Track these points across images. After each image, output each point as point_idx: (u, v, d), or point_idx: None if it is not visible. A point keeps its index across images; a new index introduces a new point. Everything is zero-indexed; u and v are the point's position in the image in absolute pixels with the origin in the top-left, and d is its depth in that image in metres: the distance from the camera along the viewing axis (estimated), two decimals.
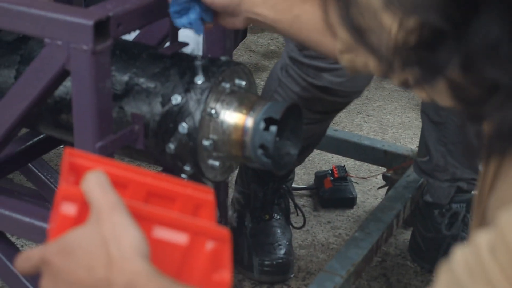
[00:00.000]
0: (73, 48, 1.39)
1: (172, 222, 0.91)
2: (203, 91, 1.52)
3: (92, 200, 0.87)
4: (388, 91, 3.39)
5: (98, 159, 0.95)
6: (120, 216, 0.85)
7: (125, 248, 0.83)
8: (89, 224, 0.86)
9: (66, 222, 0.89)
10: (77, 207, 0.88)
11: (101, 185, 0.87)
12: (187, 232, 0.91)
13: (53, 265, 0.85)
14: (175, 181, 0.96)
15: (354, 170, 2.69)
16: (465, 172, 2.12)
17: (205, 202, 0.96)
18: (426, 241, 2.20)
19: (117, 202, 0.86)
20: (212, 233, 0.91)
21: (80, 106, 1.43)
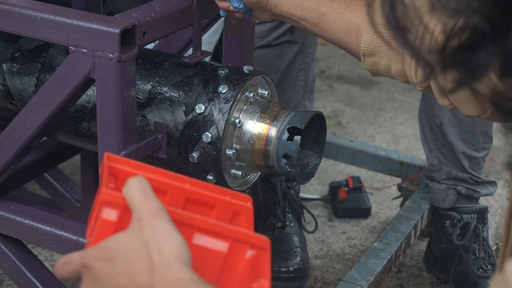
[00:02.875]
0: (99, 56, 1.38)
1: (212, 228, 0.89)
2: (227, 100, 1.52)
3: (134, 206, 0.86)
4: (400, 102, 3.38)
5: (137, 164, 0.94)
6: (162, 223, 0.84)
7: (167, 254, 0.82)
8: (130, 230, 0.85)
9: (107, 227, 0.87)
10: (118, 212, 0.87)
11: (143, 191, 0.86)
12: (227, 239, 0.89)
13: (94, 270, 0.84)
14: (214, 188, 0.95)
15: (367, 180, 2.68)
16: (460, 172, 2.12)
17: (243, 209, 0.95)
18: (441, 252, 2.19)
19: (159, 208, 0.85)
20: (252, 240, 0.90)
21: (105, 115, 1.42)
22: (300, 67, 2.22)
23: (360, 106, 3.31)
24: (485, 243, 2.14)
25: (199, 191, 0.94)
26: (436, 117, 2.09)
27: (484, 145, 2.13)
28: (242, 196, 0.96)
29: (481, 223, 2.14)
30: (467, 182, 2.14)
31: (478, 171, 2.15)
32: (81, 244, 1.58)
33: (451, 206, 2.15)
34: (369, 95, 3.43)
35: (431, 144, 2.15)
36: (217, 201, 0.94)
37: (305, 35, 2.20)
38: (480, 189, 2.15)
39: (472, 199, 2.17)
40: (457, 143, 2.09)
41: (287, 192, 2.28)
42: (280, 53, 2.18)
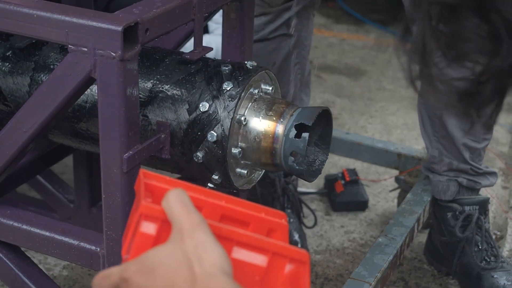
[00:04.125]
0: (100, 55, 1.33)
1: (251, 242, 0.88)
2: (233, 98, 1.47)
3: (174, 218, 0.83)
4: (389, 92, 3.35)
5: (172, 180, 0.94)
6: (203, 234, 0.82)
7: (209, 265, 0.80)
8: (171, 242, 0.83)
9: (146, 241, 0.86)
10: (157, 226, 0.86)
11: (183, 203, 0.84)
12: (266, 253, 0.88)
13: (133, 283, 0.81)
14: (248, 204, 0.94)
15: (362, 172, 2.65)
16: (461, 164, 2.09)
17: (278, 226, 0.94)
18: (442, 244, 2.16)
19: (200, 220, 0.83)
20: (291, 254, 0.88)
21: (107, 116, 1.37)
22: (297, 61, 2.18)
23: (350, 96, 3.28)
24: (487, 235, 2.11)
25: (234, 208, 0.93)
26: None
27: (485, 136, 2.09)
28: (277, 213, 0.95)
29: (482, 214, 2.11)
30: (468, 173, 2.11)
31: (479, 162, 2.12)
32: (82, 249, 1.53)
33: (452, 198, 2.12)
34: (358, 85, 3.40)
35: (431, 135, 2.11)
36: (252, 218, 0.93)
37: (301, 27, 2.16)
38: (481, 180, 2.12)
39: (473, 190, 2.14)
40: (458, 134, 2.06)
41: (285, 188, 2.24)
42: (277, 47, 2.14)
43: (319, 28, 3.90)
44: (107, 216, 1.44)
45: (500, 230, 2.43)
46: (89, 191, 2.07)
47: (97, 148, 1.64)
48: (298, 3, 2.10)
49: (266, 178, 2.23)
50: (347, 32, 4.02)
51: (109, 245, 1.46)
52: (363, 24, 4.10)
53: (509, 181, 2.71)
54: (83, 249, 1.53)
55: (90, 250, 1.52)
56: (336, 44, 3.85)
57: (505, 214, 2.50)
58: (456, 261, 2.12)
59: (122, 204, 1.41)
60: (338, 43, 3.87)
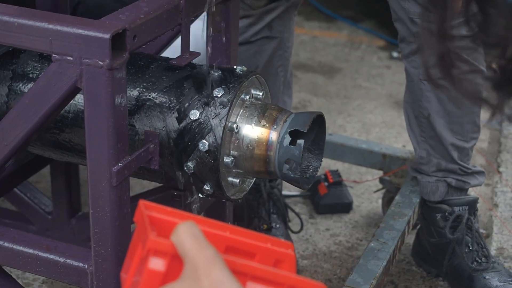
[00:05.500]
0: (87, 64, 1.26)
1: (266, 276, 0.83)
2: (224, 105, 1.41)
3: (187, 253, 0.77)
4: (365, 89, 3.32)
5: (174, 212, 0.88)
6: (219, 271, 0.76)
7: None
8: (184, 279, 0.77)
9: (155, 278, 0.80)
10: (167, 262, 0.80)
11: (195, 237, 0.79)
12: (282, 287, 0.83)
13: None
14: (254, 235, 0.90)
15: (344, 173, 2.60)
16: (449, 164, 2.06)
17: (285, 256, 0.90)
18: (432, 246, 2.13)
19: (215, 255, 0.78)
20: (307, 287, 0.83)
21: (94, 127, 1.30)
22: (279, 63, 2.13)
23: (326, 95, 3.23)
24: (477, 235, 2.07)
25: (239, 239, 0.88)
26: (423, 108, 2.02)
27: (473, 134, 2.06)
28: (283, 243, 0.91)
29: (472, 214, 2.08)
30: (457, 173, 2.07)
31: (467, 162, 2.08)
32: (69, 266, 1.46)
33: (441, 198, 2.08)
34: (333, 83, 3.35)
35: (418, 136, 2.07)
36: (258, 249, 0.89)
37: (283, 29, 2.11)
38: (470, 180, 2.09)
39: (462, 190, 2.10)
40: (446, 134, 2.02)
41: (271, 192, 2.19)
42: (259, 50, 2.08)
43: None
44: (95, 231, 1.38)
45: (485, 229, 2.40)
46: (67, 201, 2.01)
47: (80, 160, 1.57)
48: (280, 4, 2.05)
49: None
50: (318, 29, 3.97)
51: (97, 261, 1.40)
52: (335, 21, 4.06)
53: (491, 178, 2.69)
54: (70, 267, 1.46)
55: (77, 267, 1.45)
56: (308, 42, 3.80)
57: (489, 211, 2.48)
58: (447, 263, 2.09)
59: (111, 219, 1.35)
60: (310, 40, 3.83)
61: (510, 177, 2.67)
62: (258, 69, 2.08)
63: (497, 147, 2.91)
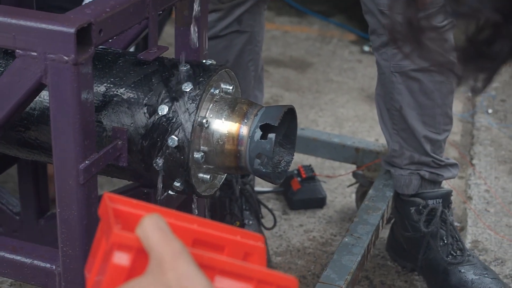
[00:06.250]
0: (52, 60, 1.23)
1: (235, 270, 0.80)
2: (193, 99, 1.39)
3: (152, 247, 0.74)
4: (337, 83, 3.30)
5: (139, 204, 0.84)
6: (186, 265, 0.73)
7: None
8: (149, 274, 0.74)
9: (119, 273, 0.77)
10: (131, 256, 0.77)
11: (161, 230, 0.75)
12: (251, 281, 0.80)
13: None
14: (222, 227, 0.86)
15: (317, 168, 2.58)
16: (422, 156, 2.04)
17: (255, 249, 0.86)
18: (406, 240, 2.11)
19: (181, 249, 0.75)
20: (278, 281, 0.81)
21: (60, 124, 1.27)
22: (250, 57, 2.11)
23: (298, 89, 3.21)
24: (452, 228, 2.06)
25: (207, 232, 0.84)
26: (395, 100, 2.00)
27: (445, 127, 2.05)
28: (253, 236, 0.88)
29: (446, 207, 2.07)
30: (430, 166, 2.06)
31: (440, 154, 2.07)
32: (36, 267, 1.43)
33: (415, 191, 2.07)
34: (306, 78, 3.33)
35: (390, 128, 2.05)
36: (227, 241, 0.85)
37: (253, 23, 2.08)
38: (443, 172, 2.08)
39: (436, 183, 2.08)
40: (418, 126, 2.01)
41: (243, 189, 2.16)
42: (229, 44, 2.05)
43: None
44: (62, 231, 1.34)
45: (460, 222, 2.39)
46: (35, 201, 1.96)
47: (47, 158, 1.54)
48: None
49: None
50: (289, 24, 3.95)
51: (65, 262, 1.36)
52: (306, 16, 4.04)
53: (464, 171, 2.68)
54: (37, 268, 1.43)
55: (44, 269, 1.42)
56: (280, 37, 3.78)
57: (463, 204, 2.47)
58: (421, 257, 2.07)
59: (79, 218, 1.32)
60: (281, 35, 3.81)
61: (484, 170, 2.66)
62: (228, 63, 2.05)
63: (469, 139, 2.90)
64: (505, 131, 2.94)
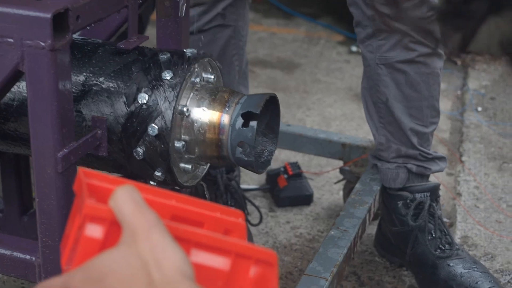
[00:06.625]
0: (28, 46, 1.21)
1: (211, 243, 0.77)
2: (173, 87, 1.37)
3: (125, 218, 0.72)
4: (325, 84, 3.28)
5: (116, 179, 0.81)
6: (160, 236, 0.71)
7: (169, 270, 0.69)
8: (122, 245, 0.71)
9: (92, 246, 0.74)
10: (105, 228, 0.74)
11: (135, 201, 0.73)
12: (229, 255, 0.77)
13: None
14: (201, 203, 0.83)
15: (304, 166, 2.56)
16: (409, 150, 2.02)
17: (235, 226, 0.83)
18: (394, 235, 2.09)
19: (155, 220, 0.72)
20: (257, 255, 0.78)
21: (38, 112, 1.25)
22: (234, 52, 2.09)
23: (285, 90, 3.19)
24: (440, 222, 2.04)
25: (186, 208, 0.81)
26: (381, 93, 1.98)
27: (432, 119, 2.03)
28: (233, 212, 0.84)
29: (434, 201, 2.04)
30: (417, 159, 2.04)
31: (427, 147, 2.05)
32: (15, 259, 1.41)
33: (402, 185, 2.05)
34: (293, 78, 3.32)
35: (376, 122, 2.03)
36: (206, 218, 0.82)
37: (236, 17, 2.07)
38: (431, 165, 2.06)
39: (423, 176, 2.06)
40: (404, 119, 1.99)
41: (228, 184, 2.14)
42: (212, 38, 2.04)
43: None
44: (42, 221, 1.32)
45: (449, 218, 2.37)
46: (19, 198, 1.94)
47: (28, 150, 1.52)
48: None
49: (207, 175, 2.12)
50: (276, 26, 3.94)
51: (45, 253, 1.34)
52: (293, 18, 4.03)
53: (453, 168, 2.66)
54: (17, 259, 1.41)
55: (24, 260, 1.40)
56: (267, 38, 3.77)
57: (453, 201, 2.45)
58: (410, 251, 2.05)
59: (58, 207, 1.30)
60: (268, 37, 3.79)
61: (473, 166, 2.65)
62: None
63: (459, 137, 2.89)
64: (495, 129, 2.93)
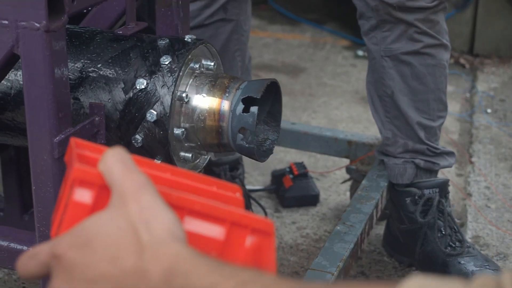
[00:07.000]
0: (23, 27, 1.18)
1: (206, 210, 0.74)
2: (172, 72, 1.34)
3: (113, 180, 0.69)
4: (331, 87, 3.25)
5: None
6: (149, 196, 0.68)
7: (159, 231, 0.67)
8: (110, 208, 0.69)
9: (81, 211, 0.71)
10: (94, 193, 0.71)
11: (124, 163, 0.70)
12: (223, 223, 0.74)
13: (67, 260, 0.67)
14: (198, 177, 0.79)
15: (310, 167, 2.52)
16: (416, 144, 1.97)
17: (232, 201, 0.80)
18: (402, 233, 2.04)
19: (145, 180, 0.69)
20: (253, 224, 0.75)
21: (33, 95, 1.22)
22: (236, 47, 2.06)
23: (290, 93, 3.16)
24: (450, 219, 1.99)
25: (181, 181, 0.78)
26: (387, 86, 1.94)
27: (439, 113, 1.99)
28: (230, 186, 0.81)
29: (443, 197, 2.00)
30: (425, 154, 1.99)
31: (435, 142, 2.01)
32: (12, 250, 1.38)
33: (410, 181, 2.00)
34: (298, 82, 3.29)
35: (382, 116, 1.99)
36: (202, 192, 0.79)
37: (239, 11, 2.04)
38: (439, 160, 2.01)
39: (432, 172, 2.02)
40: (411, 112, 1.95)
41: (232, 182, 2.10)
42: (214, 33, 2.01)
43: (252, 29, 3.76)
44: (39, 210, 1.29)
45: (459, 218, 2.33)
46: (19, 197, 1.92)
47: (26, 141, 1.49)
48: None
49: (210, 172, 2.09)
50: (281, 32, 3.91)
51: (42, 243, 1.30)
52: (298, 24, 4.00)
53: (463, 169, 2.62)
54: (14, 251, 1.38)
55: (22, 251, 1.36)
56: (272, 44, 3.74)
57: (463, 201, 2.41)
58: (419, 249, 2.00)
59: (55, 195, 1.26)
60: (273, 42, 3.77)
61: (483, 167, 2.61)
62: None
63: (468, 138, 2.85)
64: (505, 130, 2.89)
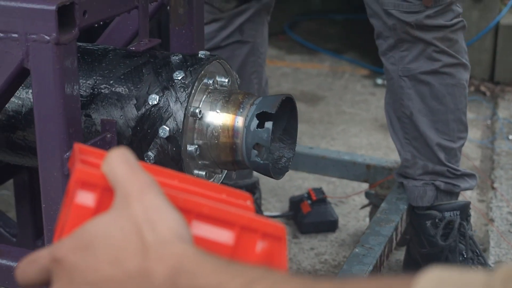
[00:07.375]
0: (33, 40, 1.17)
1: (214, 214, 0.71)
2: (185, 87, 1.31)
3: (117, 181, 0.66)
4: (350, 115, 3.22)
5: None
6: (154, 197, 0.65)
7: (163, 231, 0.63)
8: (113, 209, 0.66)
9: (83, 214, 0.68)
10: (97, 195, 0.68)
11: (128, 164, 0.67)
12: (233, 227, 0.71)
13: (67, 263, 0.64)
14: (207, 184, 0.76)
15: (328, 193, 2.48)
16: (436, 166, 1.93)
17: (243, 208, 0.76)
18: (423, 257, 2.00)
19: (149, 181, 0.66)
20: (264, 228, 0.71)
21: (44, 110, 1.20)
22: (253, 69, 2.04)
23: (308, 121, 3.13)
24: (471, 242, 1.95)
25: (189, 188, 0.75)
26: (405, 107, 1.91)
27: (460, 134, 1.95)
28: (240, 194, 0.77)
29: (465, 220, 1.95)
30: (445, 176, 1.95)
31: (456, 164, 1.96)
32: None
33: (430, 204, 1.96)
34: (317, 111, 3.26)
35: (401, 137, 1.96)
36: (211, 199, 0.75)
37: (255, 33, 2.02)
38: (460, 182, 1.97)
39: (452, 194, 1.98)
40: (430, 133, 1.91)
41: None
42: (231, 55, 1.99)
43: (271, 59, 3.76)
44: (49, 229, 1.26)
45: (482, 243, 2.28)
46: (32, 223, 1.90)
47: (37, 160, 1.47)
48: (250, 6, 1.96)
49: None
50: (300, 61, 3.90)
51: None
52: (317, 53, 3.99)
53: (484, 194, 2.57)
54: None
55: None
56: (290, 73, 3.72)
57: (485, 226, 2.36)
58: None
59: None
60: (292, 72, 3.75)
61: (506, 193, 2.56)
62: None
63: (490, 164, 2.80)
64: None
